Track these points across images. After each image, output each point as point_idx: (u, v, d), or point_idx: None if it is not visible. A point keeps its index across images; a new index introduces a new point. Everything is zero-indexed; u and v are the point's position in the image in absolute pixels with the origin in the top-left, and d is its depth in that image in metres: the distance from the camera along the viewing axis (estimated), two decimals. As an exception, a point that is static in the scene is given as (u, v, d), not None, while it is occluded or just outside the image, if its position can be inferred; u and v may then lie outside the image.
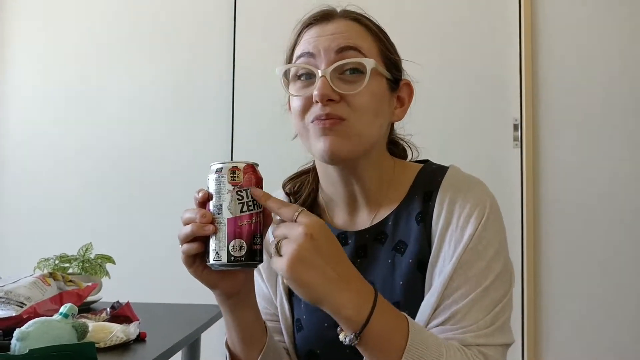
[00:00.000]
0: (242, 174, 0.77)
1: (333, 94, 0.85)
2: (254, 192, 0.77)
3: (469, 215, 0.87)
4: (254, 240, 0.77)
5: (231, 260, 0.75)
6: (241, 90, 2.59)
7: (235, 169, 0.77)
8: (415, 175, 0.97)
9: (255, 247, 0.76)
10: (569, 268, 2.43)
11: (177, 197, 2.60)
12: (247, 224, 0.76)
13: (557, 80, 2.49)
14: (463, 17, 2.54)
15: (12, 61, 2.77)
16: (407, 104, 0.97)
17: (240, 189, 0.77)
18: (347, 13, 0.94)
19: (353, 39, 0.89)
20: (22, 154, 2.73)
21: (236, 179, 0.77)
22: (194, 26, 2.69)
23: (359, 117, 0.87)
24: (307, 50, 0.89)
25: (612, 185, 2.44)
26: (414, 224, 0.92)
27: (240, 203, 0.76)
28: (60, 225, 2.64)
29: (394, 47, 0.96)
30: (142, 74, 2.69)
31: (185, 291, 2.49)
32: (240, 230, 0.76)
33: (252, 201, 0.77)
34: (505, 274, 0.87)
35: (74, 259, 1.75)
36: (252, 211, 0.77)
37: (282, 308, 0.99)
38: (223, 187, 0.77)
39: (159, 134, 2.67)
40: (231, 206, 0.76)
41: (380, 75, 0.90)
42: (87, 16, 2.75)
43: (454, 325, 0.82)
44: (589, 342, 2.40)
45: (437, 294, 0.84)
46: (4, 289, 1.29)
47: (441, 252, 0.87)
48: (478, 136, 2.49)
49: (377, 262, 0.93)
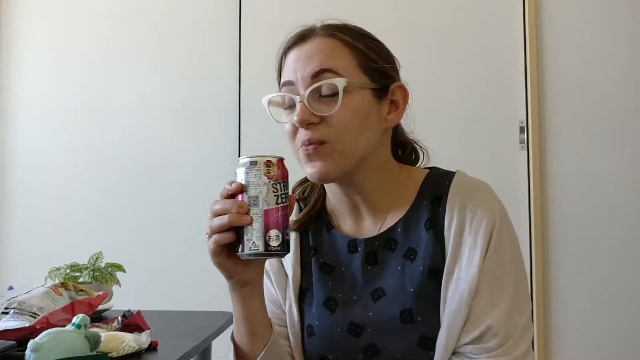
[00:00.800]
0: (276, 167, 0.81)
1: (312, 117, 0.88)
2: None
3: (481, 220, 0.88)
4: (286, 231, 0.81)
5: (268, 249, 0.79)
6: (248, 96, 2.61)
7: (269, 162, 0.81)
8: (421, 180, 0.98)
9: (287, 238, 0.81)
10: (577, 270, 2.43)
11: (186, 205, 2.62)
12: (281, 216, 0.80)
13: (563, 82, 2.48)
14: (468, 20, 2.55)
15: (20, 70, 2.79)
16: (402, 107, 0.97)
17: (275, 182, 0.81)
18: (325, 29, 0.94)
19: (327, 60, 0.90)
20: (32, 164, 2.75)
21: (271, 172, 0.81)
22: (200, 33, 2.70)
23: (340, 137, 0.89)
24: (287, 78, 0.92)
25: (619, 188, 2.43)
26: (423, 231, 0.92)
27: (275, 195, 0.80)
28: (71, 234, 2.66)
29: (381, 54, 0.95)
30: (148, 83, 2.71)
31: (195, 298, 2.52)
32: (276, 221, 0.80)
33: (284, 194, 0.81)
34: (523, 274, 0.90)
35: (84, 268, 1.76)
36: (284, 203, 0.81)
37: (291, 314, 0.99)
38: (259, 180, 0.80)
39: (167, 142, 2.68)
40: (267, 198, 0.80)
41: (359, 89, 0.90)
42: (94, 24, 2.77)
43: (491, 343, 0.84)
44: (597, 344, 2.40)
45: (465, 304, 0.85)
46: (17, 300, 1.30)
47: (457, 259, 0.88)
48: (484, 139, 2.50)
49: (387, 270, 0.94)
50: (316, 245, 1.01)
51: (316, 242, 1.02)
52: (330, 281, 0.98)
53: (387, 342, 0.90)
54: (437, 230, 0.91)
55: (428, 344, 0.88)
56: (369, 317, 0.93)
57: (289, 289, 1.00)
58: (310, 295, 0.99)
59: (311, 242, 1.02)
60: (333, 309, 0.96)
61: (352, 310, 0.94)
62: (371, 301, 0.93)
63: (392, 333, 0.90)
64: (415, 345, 0.88)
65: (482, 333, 0.85)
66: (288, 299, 1.00)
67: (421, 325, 0.89)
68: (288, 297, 1.00)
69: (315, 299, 0.98)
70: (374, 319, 0.92)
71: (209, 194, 3.03)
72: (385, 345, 0.90)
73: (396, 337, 0.90)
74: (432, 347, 0.87)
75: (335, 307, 0.95)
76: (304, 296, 0.99)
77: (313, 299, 0.98)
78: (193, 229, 2.57)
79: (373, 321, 0.92)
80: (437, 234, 0.91)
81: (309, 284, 1.00)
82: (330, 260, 0.99)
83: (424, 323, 0.88)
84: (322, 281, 0.98)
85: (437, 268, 0.90)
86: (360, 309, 0.94)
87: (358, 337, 0.92)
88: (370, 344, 0.91)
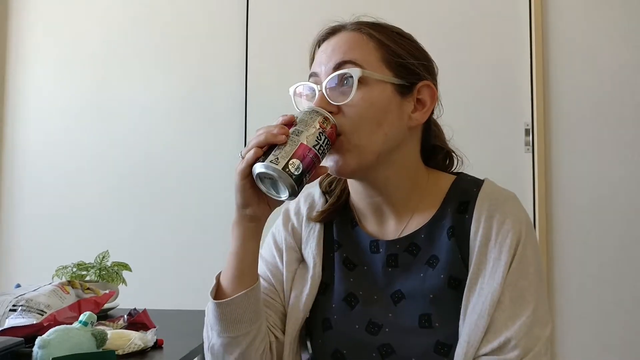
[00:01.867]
0: (330, 126, 0.86)
1: (329, 106, 0.89)
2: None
3: (507, 231, 0.88)
4: (307, 174, 0.84)
5: (285, 170, 0.81)
6: (254, 97, 2.61)
7: (327, 119, 0.86)
8: (449, 186, 0.97)
9: (303, 179, 0.83)
10: (582, 272, 2.42)
11: (192, 205, 2.63)
12: (311, 159, 0.83)
13: (569, 85, 2.48)
14: (474, 21, 2.55)
15: (28, 70, 2.81)
16: (428, 106, 0.95)
17: (323, 132, 0.85)
18: (354, 24, 0.95)
19: (349, 53, 0.91)
20: (39, 163, 2.77)
21: (325, 125, 0.86)
22: (207, 34, 2.71)
23: (355, 129, 0.89)
24: (313, 70, 0.95)
25: (624, 190, 2.42)
26: (445, 239, 0.92)
27: (317, 141, 0.84)
28: (77, 234, 2.67)
29: (411, 51, 0.95)
30: (155, 82, 2.72)
31: (200, 297, 2.52)
32: (305, 157, 0.83)
33: (323, 149, 0.85)
34: (544, 287, 0.89)
35: (91, 266, 1.78)
36: (319, 154, 0.84)
37: (298, 299, 0.98)
38: (312, 122, 0.85)
39: (173, 142, 2.69)
40: (310, 138, 0.84)
41: (381, 82, 0.90)
42: (101, 25, 2.78)
43: (511, 355, 0.83)
44: (603, 346, 2.39)
45: (486, 316, 0.85)
46: (25, 297, 1.32)
47: (481, 269, 0.88)
48: (489, 141, 2.49)
49: (408, 273, 0.94)
50: (340, 239, 1.01)
51: (340, 237, 1.01)
52: (352, 277, 0.98)
53: (404, 344, 0.90)
54: (461, 239, 0.91)
55: (444, 350, 0.88)
56: (388, 317, 0.93)
57: (307, 277, 0.99)
58: (331, 289, 0.99)
59: (335, 236, 1.02)
60: (353, 305, 0.96)
61: (372, 309, 0.94)
62: (391, 303, 0.93)
63: (410, 336, 0.90)
64: (431, 350, 0.88)
65: (501, 345, 0.84)
66: (300, 286, 0.99)
67: (439, 332, 0.89)
68: (301, 284, 0.99)
69: (335, 293, 0.98)
70: (393, 321, 0.92)
71: (214, 193, 3.05)
72: (401, 347, 0.90)
73: (413, 340, 0.90)
74: (448, 353, 0.87)
75: (356, 304, 0.96)
76: (324, 289, 0.99)
77: (333, 293, 0.98)
78: (199, 228, 2.59)
79: (392, 322, 0.92)
80: (461, 242, 0.91)
81: (330, 277, 0.99)
82: (353, 257, 0.99)
83: (442, 329, 0.88)
84: (344, 276, 0.98)
85: (458, 277, 0.89)
86: (380, 309, 0.94)
87: (375, 336, 0.92)
88: (386, 343, 0.91)
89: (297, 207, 1.07)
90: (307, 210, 1.05)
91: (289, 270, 1.01)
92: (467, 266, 0.89)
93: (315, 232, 1.02)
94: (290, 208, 1.07)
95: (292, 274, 1.01)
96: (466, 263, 0.90)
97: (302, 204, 1.06)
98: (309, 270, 1.00)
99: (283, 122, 0.86)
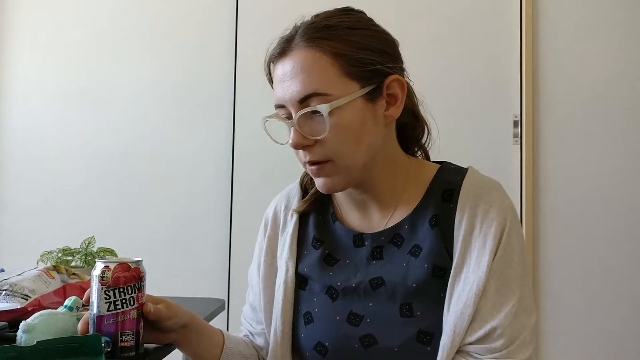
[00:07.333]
0: (111, 273, 0.82)
1: (305, 141, 0.89)
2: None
3: (492, 220, 0.88)
4: (122, 337, 0.82)
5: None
6: (243, 87, 2.60)
7: (106, 268, 0.83)
8: (432, 176, 0.97)
9: (123, 344, 0.82)
10: (568, 264, 2.44)
11: (179, 191, 2.62)
12: (113, 323, 0.82)
13: (558, 77, 2.49)
14: (463, 14, 2.55)
15: (14, 58, 2.77)
16: (400, 99, 0.93)
17: (107, 289, 0.82)
18: (304, 36, 0.90)
19: (310, 83, 0.87)
20: (25, 149, 2.74)
21: (104, 278, 0.82)
22: (196, 23, 2.69)
23: (338, 154, 0.89)
24: (278, 102, 0.92)
25: (612, 182, 2.45)
26: (428, 228, 0.92)
27: (107, 302, 0.81)
28: (63, 220, 2.65)
29: (366, 46, 0.90)
30: (143, 71, 2.70)
31: (187, 284, 2.52)
32: (106, 329, 0.82)
33: (120, 300, 0.81)
34: (529, 276, 0.90)
35: (76, 252, 1.76)
36: (118, 310, 0.82)
37: (284, 298, 1.00)
38: (94, 286, 0.83)
39: (161, 130, 2.68)
40: (100, 304, 0.82)
41: (347, 104, 0.87)
42: (89, 13, 2.75)
43: (496, 343, 0.84)
44: (588, 341, 2.41)
45: (472, 305, 0.85)
46: (9, 282, 1.30)
47: (466, 258, 0.88)
48: (478, 132, 2.50)
49: (391, 265, 0.94)
50: (321, 236, 1.02)
51: (321, 233, 1.02)
52: (332, 272, 0.98)
53: (385, 334, 0.91)
54: (445, 228, 0.91)
55: (426, 339, 0.88)
56: (369, 307, 0.93)
57: (288, 274, 1.01)
58: (312, 283, 0.99)
59: (316, 233, 1.02)
60: (334, 297, 0.96)
61: (352, 299, 0.95)
62: (370, 289, 0.93)
63: (391, 325, 0.90)
64: (413, 340, 0.88)
65: (487, 333, 0.85)
66: (283, 285, 1.01)
67: (420, 320, 0.89)
68: (283, 283, 1.01)
69: (316, 286, 0.99)
70: (373, 311, 0.93)
71: (202, 179, 3.03)
72: (382, 337, 0.91)
73: (394, 330, 0.90)
74: (430, 341, 0.88)
75: (337, 296, 0.96)
76: (304, 283, 1.00)
77: (314, 286, 0.99)
78: (186, 214, 2.58)
79: (373, 313, 0.93)
80: (445, 231, 0.91)
81: (309, 271, 1.00)
82: (335, 253, 1.00)
83: (424, 318, 0.89)
84: (324, 271, 0.99)
85: (442, 266, 0.89)
86: (360, 297, 0.94)
87: (357, 327, 0.93)
88: (368, 334, 0.92)
89: (275, 210, 1.08)
90: (285, 208, 1.07)
91: (267, 277, 1.06)
92: (450, 255, 0.90)
93: (288, 235, 1.03)
94: (269, 213, 1.09)
95: (270, 280, 1.06)
96: (450, 252, 0.90)
97: (280, 204, 1.08)
98: (281, 276, 1.02)
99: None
